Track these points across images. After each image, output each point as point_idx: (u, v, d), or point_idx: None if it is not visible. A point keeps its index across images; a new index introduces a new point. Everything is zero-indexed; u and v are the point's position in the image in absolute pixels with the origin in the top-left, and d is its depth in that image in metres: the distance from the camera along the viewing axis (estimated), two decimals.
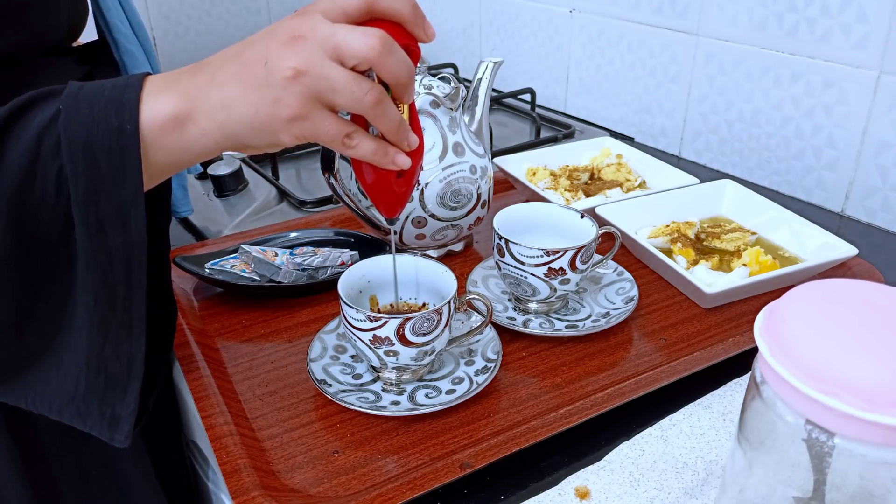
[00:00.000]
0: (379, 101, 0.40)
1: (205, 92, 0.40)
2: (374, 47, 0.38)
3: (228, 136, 0.41)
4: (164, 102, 0.40)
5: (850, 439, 0.30)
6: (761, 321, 0.34)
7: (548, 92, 1.22)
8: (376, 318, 0.49)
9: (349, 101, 0.39)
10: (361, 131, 0.42)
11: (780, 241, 0.72)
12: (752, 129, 0.91)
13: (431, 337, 0.50)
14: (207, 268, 0.67)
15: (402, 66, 0.40)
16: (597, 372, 0.56)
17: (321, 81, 0.38)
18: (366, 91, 0.39)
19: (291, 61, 0.38)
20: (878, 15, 0.74)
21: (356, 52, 0.38)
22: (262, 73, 0.39)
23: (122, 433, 0.44)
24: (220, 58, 0.41)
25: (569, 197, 0.81)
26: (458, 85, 0.68)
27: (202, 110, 0.40)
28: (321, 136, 0.41)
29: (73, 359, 0.43)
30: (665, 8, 0.97)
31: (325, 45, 0.38)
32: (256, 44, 0.40)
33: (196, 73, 0.41)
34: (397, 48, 0.39)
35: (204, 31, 1.45)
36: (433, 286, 0.55)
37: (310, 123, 0.40)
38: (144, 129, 0.39)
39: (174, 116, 0.39)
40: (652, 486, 0.45)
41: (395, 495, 0.43)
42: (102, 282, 0.40)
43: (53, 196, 0.39)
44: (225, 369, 0.57)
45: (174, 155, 0.41)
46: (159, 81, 0.41)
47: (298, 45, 0.38)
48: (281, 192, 0.89)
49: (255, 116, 0.40)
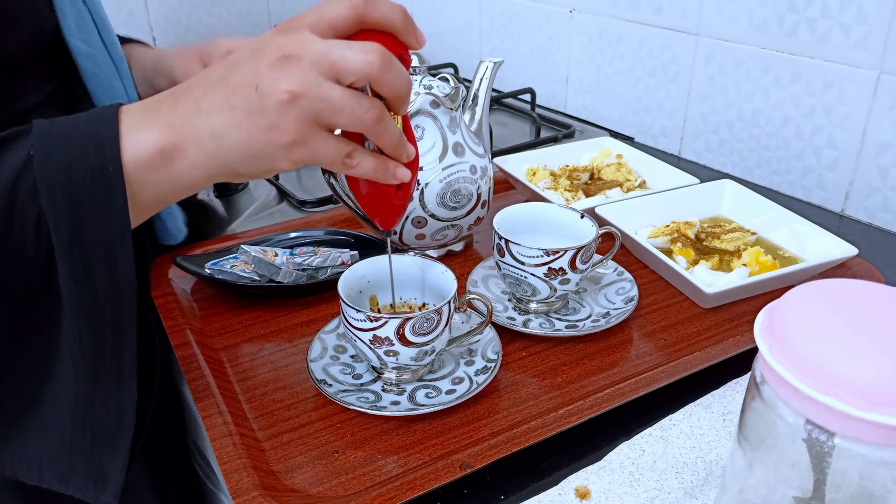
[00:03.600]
0: (380, 118, 0.38)
1: (191, 122, 0.37)
2: (373, 63, 0.36)
3: (221, 165, 0.38)
4: (148, 136, 0.37)
5: (850, 439, 0.30)
6: (761, 321, 0.34)
7: (548, 92, 1.22)
8: (376, 318, 0.48)
9: (350, 120, 0.38)
10: (360, 149, 0.40)
11: (780, 241, 0.72)
12: (752, 129, 0.91)
13: (431, 337, 0.50)
14: (207, 268, 0.67)
15: (402, 80, 0.38)
16: (597, 372, 0.56)
17: (319, 103, 0.36)
18: (366, 109, 0.37)
19: (286, 84, 0.36)
20: (878, 15, 0.74)
21: (355, 69, 0.36)
22: (255, 97, 0.36)
23: (111, 493, 0.41)
24: (203, 83, 0.38)
25: (569, 197, 0.81)
26: (458, 85, 0.68)
27: (190, 141, 0.37)
28: (321, 160, 0.39)
29: (57, 413, 0.40)
30: (665, 8, 0.97)
31: (320, 64, 0.36)
32: (243, 66, 0.37)
33: (178, 102, 0.38)
34: (395, 62, 0.38)
35: (204, 32, 1.45)
36: (435, 287, 0.55)
37: (310, 148, 0.38)
38: (128, 166, 0.37)
39: (160, 150, 0.37)
40: (652, 486, 0.45)
41: (395, 495, 0.43)
42: (90, 327, 0.38)
43: (33, 244, 0.36)
44: (225, 369, 0.57)
45: (162, 190, 0.38)
46: (137, 113, 0.38)
47: (291, 65, 0.36)
48: (281, 192, 0.89)
49: (249, 144, 0.37)
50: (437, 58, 1.46)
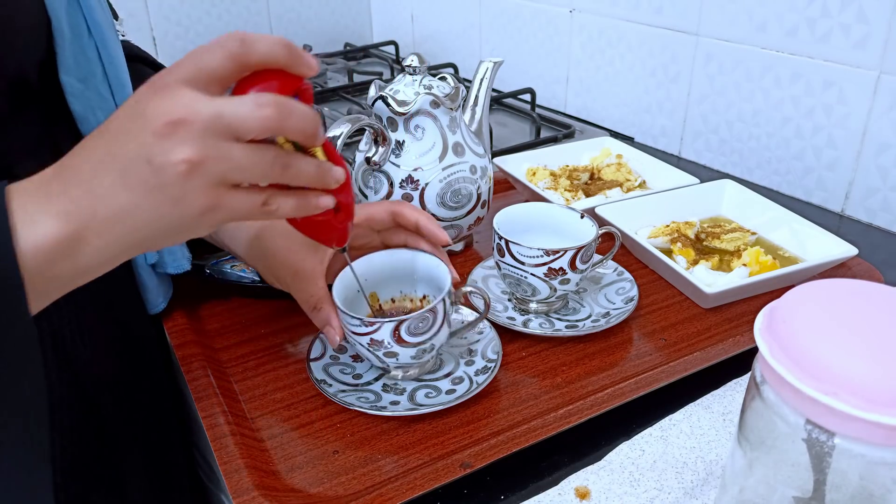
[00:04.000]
0: (288, 165, 0.36)
1: (88, 208, 0.34)
2: (269, 118, 0.34)
3: (133, 245, 0.36)
4: (44, 228, 0.33)
5: (850, 439, 0.30)
6: (761, 321, 0.34)
7: (548, 92, 1.22)
8: (371, 322, 0.49)
9: (256, 177, 0.36)
10: (275, 193, 0.38)
11: (780, 241, 0.72)
12: (752, 129, 0.91)
13: (428, 336, 0.50)
14: (207, 268, 0.67)
15: (305, 122, 0.36)
16: (597, 372, 0.56)
17: (221, 166, 0.34)
18: (271, 162, 0.35)
19: (180, 153, 0.33)
20: (878, 15, 0.74)
21: (252, 127, 0.34)
22: (150, 173, 0.33)
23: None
24: (89, 160, 0.35)
25: (569, 197, 0.81)
26: (458, 85, 0.68)
27: (91, 230, 0.34)
28: (237, 216, 0.37)
29: None
30: (665, 8, 0.97)
31: (213, 127, 0.33)
32: (126, 138, 0.34)
33: (67, 185, 0.34)
34: (294, 105, 0.35)
35: (204, 32, 1.45)
36: (432, 279, 0.55)
37: (224, 210, 0.36)
38: (26, 263, 0.33)
39: (58, 243, 0.33)
40: (652, 486, 0.45)
41: (395, 495, 0.43)
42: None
43: None
44: (225, 369, 0.58)
45: (69, 278, 0.35)
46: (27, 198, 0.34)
47: (181, 131, 0.33)
48: None
49: (158, 222, 0.35)
50: (437, 58, 1.46)
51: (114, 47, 0.52)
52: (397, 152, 0.67)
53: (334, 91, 1.26)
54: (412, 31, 1.54)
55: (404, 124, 0.66)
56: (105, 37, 0.51)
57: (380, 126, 0.66)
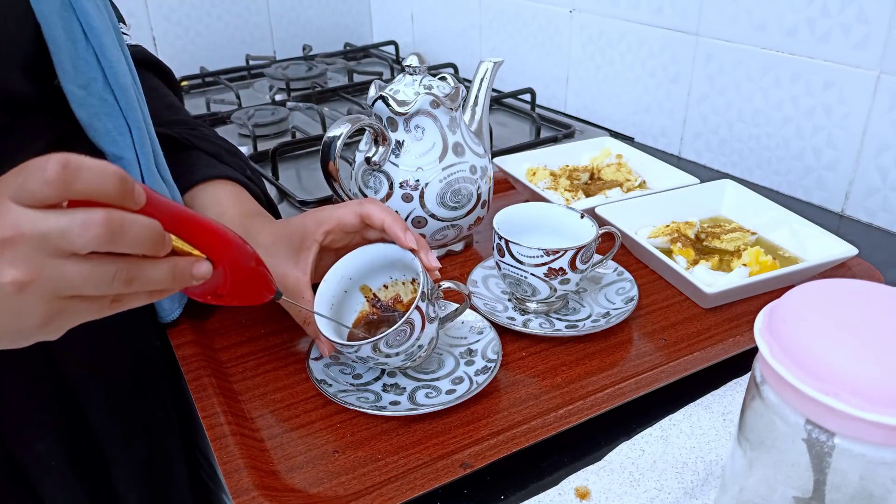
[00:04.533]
0: (133, 279, 0.34)
1: None
2: (99, 236, 0.32)
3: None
4: None
5: (850, 439, 0.30)
6: (761, 321, 0.34)
7: (548, 92, 1.22)
8: (350, 344, 0.49)
9: (97, 291, 0.34)
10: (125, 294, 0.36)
11: (780, 241, 0.72)
12: (752, 129, 0.91)
13: (412, 341, 0.50)
14: None
15: (141, 238, 0.33)
16: (597, 372, 0.56)
17: (55, 283, 0.32)
18: (112, 277, 0.33)
19: (9, 275, 0.31)
20: (878, 15, 0.74)
21: (84, 244, 0.32)
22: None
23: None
24: None
25: (569, 197, 0.81)
26: (458, 85, 0.68)
27: None
28: (87, 318, 0.35)
29: None
30: (665, 8, 0.97)
31: (43, 246, 0.32)
32: None
33: None
34: (127, 220, 0.33)
35: (204, 31, 1.45)
36: (402, 262, 0.55)
37: (68, 316, 0.34)
38: None
39: None
40: (652, 486, 0.45)
41: (395, 495, 0.43)
42: None
43: None
44: (225, 369, 0.58)
45: None
46: None
47: (7, 251, 0.31)
48: (281, 192, 0.89)
49: (3, 335, 0.34)
50: (437, 58, 1.46)
51: (113, 52, 0.51)
52: (397, 152, 0.67)
53: (334, 91, 1.26)
54: (412, 32, 1.54)
55: (404, 124, 0.66)
56: (103, 42, 0.50)
57: (380, 126, 0.66)
